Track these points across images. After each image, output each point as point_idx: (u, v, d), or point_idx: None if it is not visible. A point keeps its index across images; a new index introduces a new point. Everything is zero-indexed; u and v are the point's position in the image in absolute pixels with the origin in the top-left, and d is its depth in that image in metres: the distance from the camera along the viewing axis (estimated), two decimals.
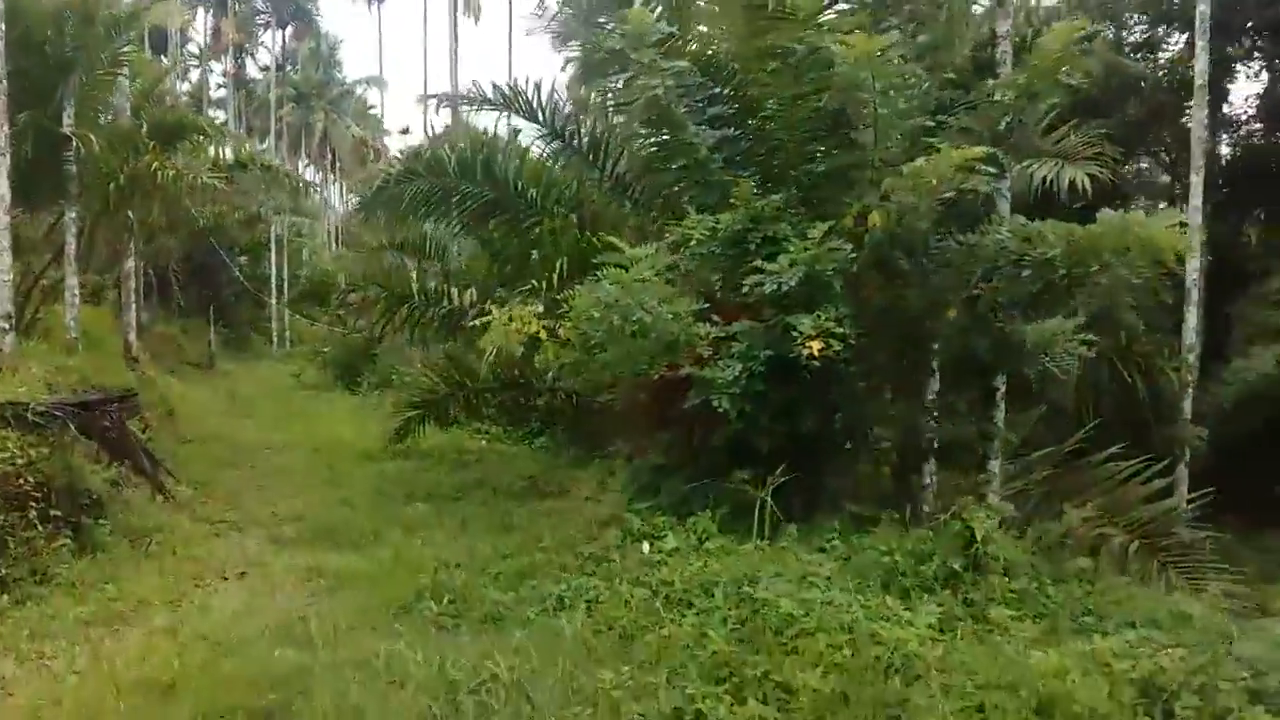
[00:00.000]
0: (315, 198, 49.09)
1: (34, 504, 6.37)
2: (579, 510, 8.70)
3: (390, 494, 10.15)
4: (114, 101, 14.31)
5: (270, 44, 55.06)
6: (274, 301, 34.40)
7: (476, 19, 33.94)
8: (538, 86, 11.17)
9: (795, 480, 6.45)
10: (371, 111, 64.06)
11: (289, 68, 53.09)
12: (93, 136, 12.34)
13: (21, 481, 6.36)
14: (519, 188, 10.21)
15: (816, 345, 5.86)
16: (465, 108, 12.34)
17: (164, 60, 32.25)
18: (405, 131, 56.98)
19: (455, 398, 12.81)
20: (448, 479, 10.96)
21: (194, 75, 49.94)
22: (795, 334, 5.93)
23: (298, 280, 38.83)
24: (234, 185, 13.24)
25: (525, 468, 11.41)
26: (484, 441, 14.35)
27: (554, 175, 10.80)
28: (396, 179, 9.80)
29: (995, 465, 8.11)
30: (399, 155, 14.95)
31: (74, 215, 12.45)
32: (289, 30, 53.15)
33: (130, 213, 13.02)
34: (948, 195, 6.40)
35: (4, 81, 9.39)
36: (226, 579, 7.04)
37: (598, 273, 6.21)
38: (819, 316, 5.98)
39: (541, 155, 10.87)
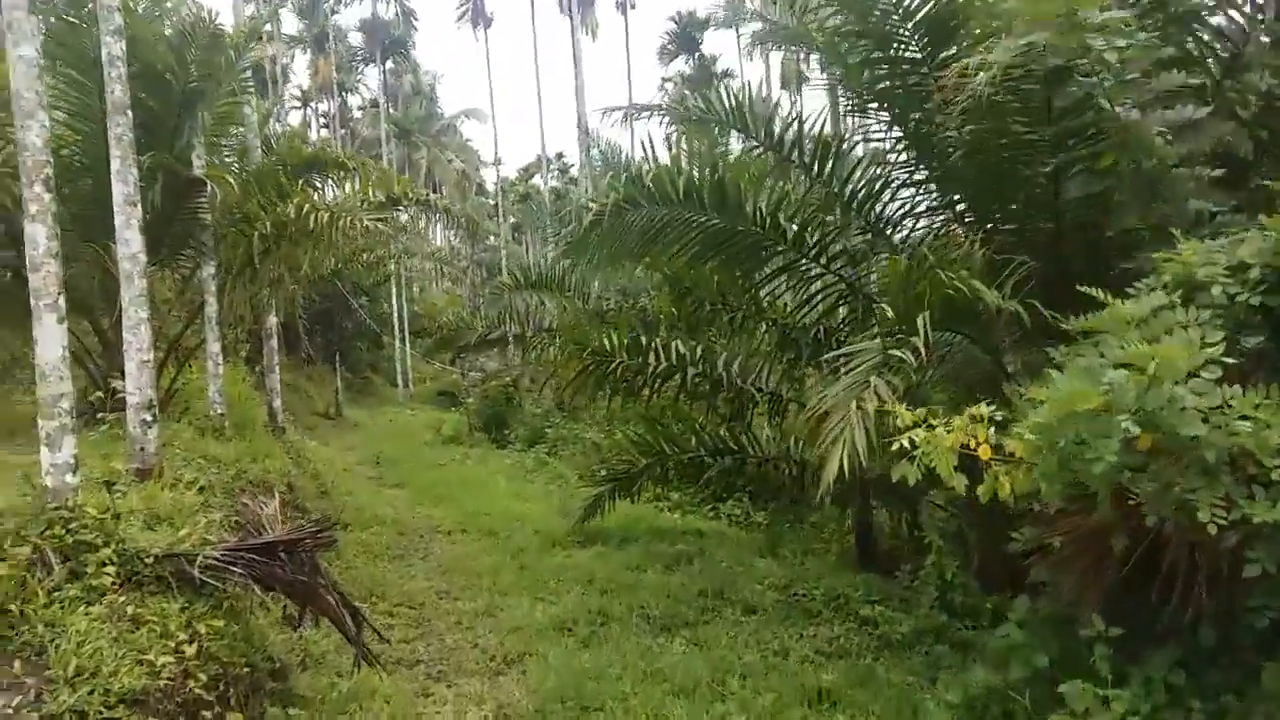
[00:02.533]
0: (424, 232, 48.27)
1: (207, 711, 4.31)
2: (910, 661, 6.34)
3: (611, 612, 7.90)
4: (245, 138, 12.67)
5: (370, 81, 54.77)
6: (396, 342, 33.06)
7: (594, 36, 32.14)
8: (765, 99, 9.04)
9: None
10: (469, 144, 63.52)
11: (386, 103, 52.42)
12: (229, 178, 10.61)
13: (192, 682, 4.30)
14: (761, 216, 7.97)
15: None
16: (661, 122, 10.13)
17: (265, 102, 31.41)
18: (498, 163, 55.99)
19: (655, 468, 10.68)
20: (670, 582, 8.67)
21: (294, 117, 49.77)
22: None
23: (417, 319, 37.64)
24: (389, 225, 11.26)
25: (762, 567, 9.04)
26: (677, 516, 12.12)
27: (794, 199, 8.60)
28: (614, 209, 7.59)
29: None
30: (592, 195, 12.94)
31: (212, 270, 10.69)
32: (388, 65, 52.50)
33: (272, 263, 11.17)
34: None
35: (129, 114, 7.54)
36: None
37: (1067, 347, 3.92)
38: None
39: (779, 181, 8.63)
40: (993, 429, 3.85)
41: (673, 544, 10.14)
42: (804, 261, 8.14)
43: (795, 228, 7.84)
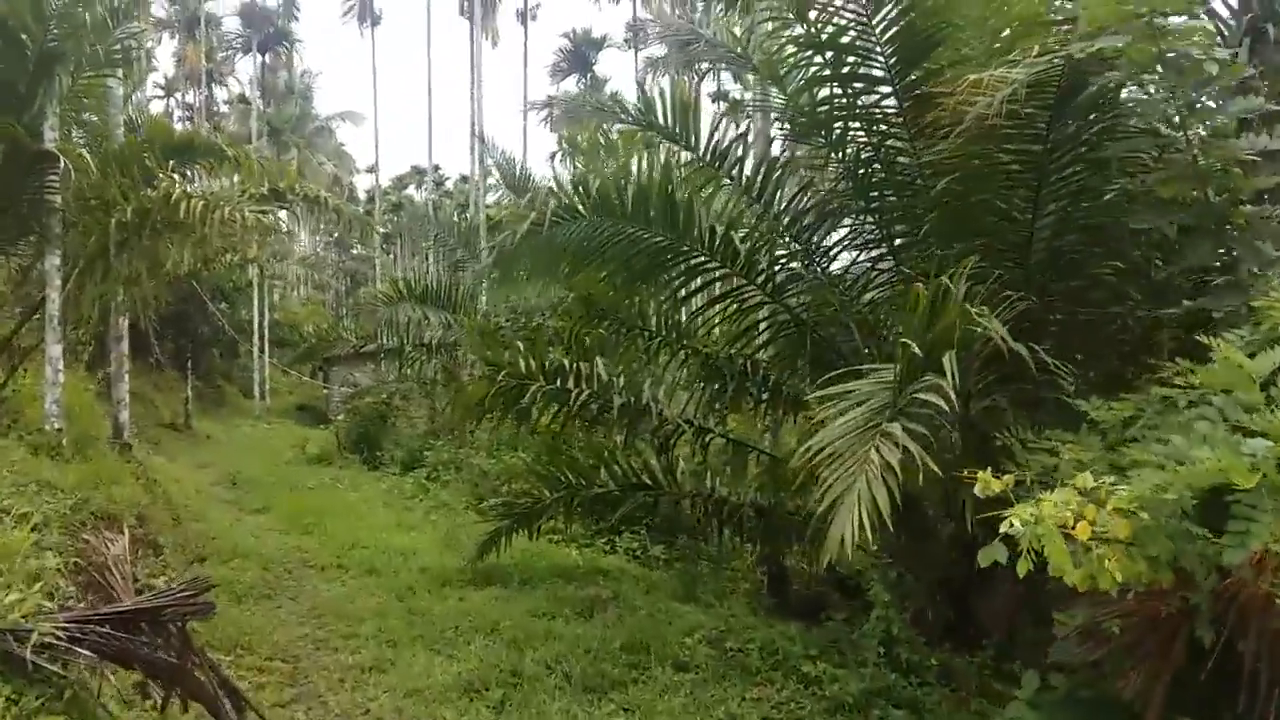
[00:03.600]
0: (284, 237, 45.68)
1: None
2: None
3: (524, 669, 6.95)
4: (110, 116, 11.15)
5: (242, 73, 51.87)
6: (255, 351, 30.89)
7: (494, 42, 31.07)
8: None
9: None
10: (344, 148, 61.12)
11: (259, 98, 49.70)
12: (86, 155, 9.17)
13: None
14: (712, 237, 7.28)
15: None
16: (590, 119, 9.35)
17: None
18: (374, 170, 53.97)
19: (561, 503, 9.79)
20: (587, 633, 7.77)
21: (155, 107, 46.46)
22: None
23: (277, 327, 35.49)
24: (270, 221, 9.98)
25: (686, 615, 8.25)
26: (575, 552, 11.23)
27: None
28: (554, 218, 6.72)
29: None
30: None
31: (57, 261, 9.19)
32: (265, 58, 49.79)
33: (131, 257, 9.73)
34: None
35: None
36: None
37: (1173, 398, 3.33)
38: None
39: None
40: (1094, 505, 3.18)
41: (580, 586, 9.26)
42: (750, 288, 7.48)
43: (744, 251, 7.17)
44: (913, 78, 6.88)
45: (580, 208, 6.87)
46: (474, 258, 24.15)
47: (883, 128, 7.57)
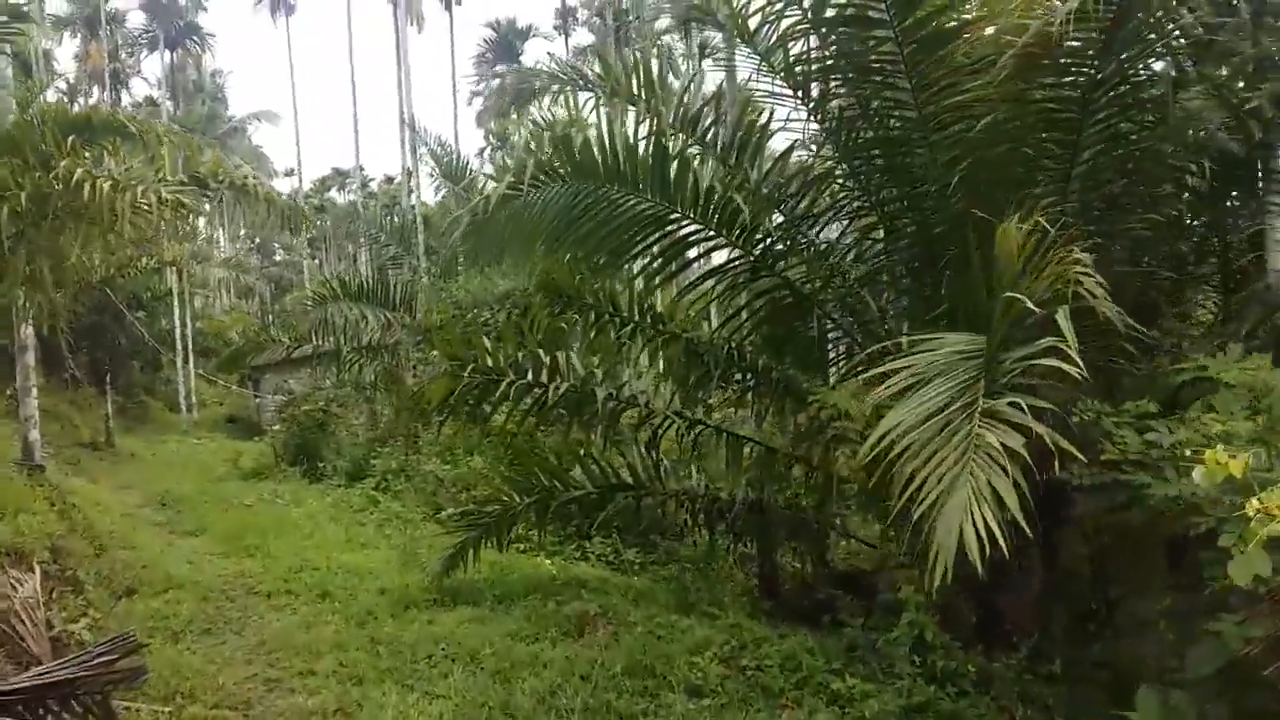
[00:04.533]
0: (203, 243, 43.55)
1: None
2: None
3: (516, 706, 6.05)
4: None
5: (150, 72, 49.43)
6: (179, 361, 29.16)
7: (420, 27, 29.74)
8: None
9: None
10: (261, 149, 58.89)
11: (168, 98, 47.41)
12: None
13: None
14: (706, 202, 6.46)
15: None
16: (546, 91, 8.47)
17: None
18: (292, 173, 52.09)
19: (535, 509, 8.91)
20: (580, 657, 6.89)
21: None
22: None
23: (201, 337, 33.76)
24: (192, 210, 8.81)
25: (688, 630, 7.40)
26: (547, 560, 10.33)
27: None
28: (533, 182, 5.82)
29: None
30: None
31: None
32: (174, 55, 47.45)
33: (29, 253, 8.53)
34: None
35: None
36: None
37: None
38: None
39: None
40: None
41: (563, 601, 8.35)
42: (746, 260, 6.68)
43: (747, 214, 6.36)
44: (918, 16, 6.13)
45: (564, 170, 5.96)
46: (409, 253, 23.08)
47: (876, 79, 6.85)
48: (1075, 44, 5.00)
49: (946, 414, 3.43)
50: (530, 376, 7.72)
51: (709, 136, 7.75)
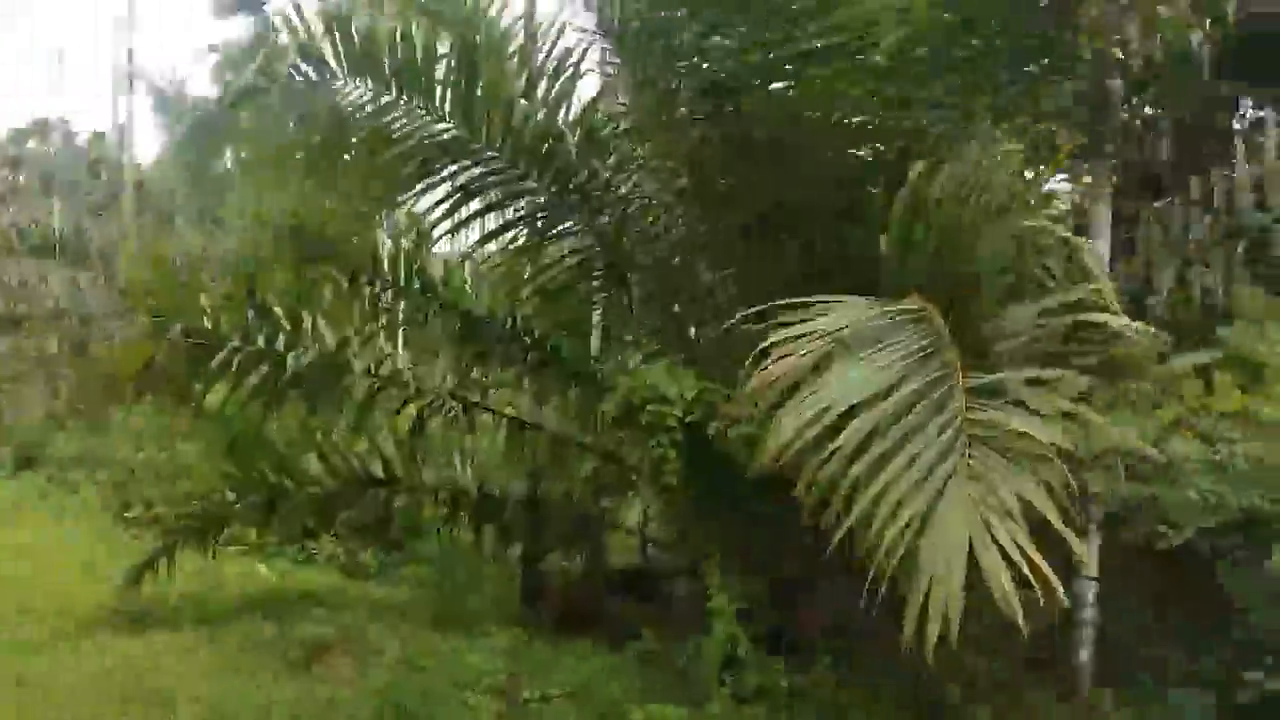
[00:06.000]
0: None
1: None
2: None
3: None
4: None
5: None
6: None
7: None
8: None
9: None
10: None
11: None
12: None
13: None
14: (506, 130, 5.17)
15: None
16: None
17: None
18: None
19: (257, 507, 7.27)
20: (323, 698, 5.39)
21: None
22: None
23: None
24: None
25: (450, 654, 6.04)
26: (262, 565, 8.58)
27: None
28: (292, 73, 4.30)
29: None
30: None
31: None
32: None
33: None
34: None
35: None
36: None
37: None
38: None
39: None
40: None
41: (289, 623, 6.72)
42: (559, 211, 5.50)
43: (574, 155, 5.15)
44: None
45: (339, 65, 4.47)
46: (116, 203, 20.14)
47: None
48: None
49: (900, 397, 2.43)
50: (263, 344, 6.10)
51: (515, 61, 6.54)
